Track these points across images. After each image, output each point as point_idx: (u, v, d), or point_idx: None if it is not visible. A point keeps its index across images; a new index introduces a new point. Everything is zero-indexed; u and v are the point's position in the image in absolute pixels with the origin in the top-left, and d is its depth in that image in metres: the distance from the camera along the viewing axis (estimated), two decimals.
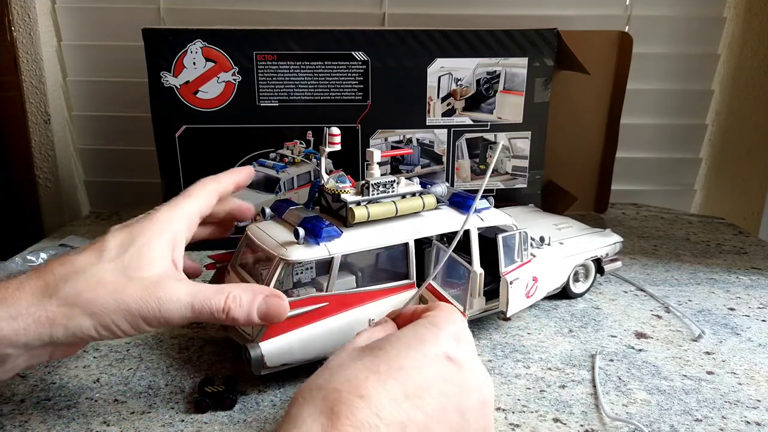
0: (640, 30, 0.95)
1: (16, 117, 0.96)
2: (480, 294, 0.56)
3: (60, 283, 0.40)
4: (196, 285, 0.43)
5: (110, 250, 0.42)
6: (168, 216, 0.46)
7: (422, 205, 0.54)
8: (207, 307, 0.42)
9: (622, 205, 1.05)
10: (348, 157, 0.77)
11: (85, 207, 1.06)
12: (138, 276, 0.41)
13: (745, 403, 0.49)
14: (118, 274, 0.41)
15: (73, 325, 0.39)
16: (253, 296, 0.44)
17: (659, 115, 1.04)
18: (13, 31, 0.93)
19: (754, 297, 0.69)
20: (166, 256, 0.44)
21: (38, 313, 0.39)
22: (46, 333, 0.39)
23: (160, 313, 0.41)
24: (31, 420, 0.46)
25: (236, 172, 0.54)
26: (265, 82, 0.74)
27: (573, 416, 0.47)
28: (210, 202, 0.50)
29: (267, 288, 0.45)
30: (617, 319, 0.63)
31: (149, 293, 0.41)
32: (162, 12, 0.94)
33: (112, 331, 0.40)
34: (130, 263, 0.42)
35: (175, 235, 0.45)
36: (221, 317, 0.42)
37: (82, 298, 0.39)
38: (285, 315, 0.45)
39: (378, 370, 0.35)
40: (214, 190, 0.50)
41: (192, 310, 0.42)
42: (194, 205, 0.48)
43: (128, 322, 0.40)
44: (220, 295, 0.43)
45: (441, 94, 0.78)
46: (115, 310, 0.40)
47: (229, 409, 0.47)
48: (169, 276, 0.43)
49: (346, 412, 0.32)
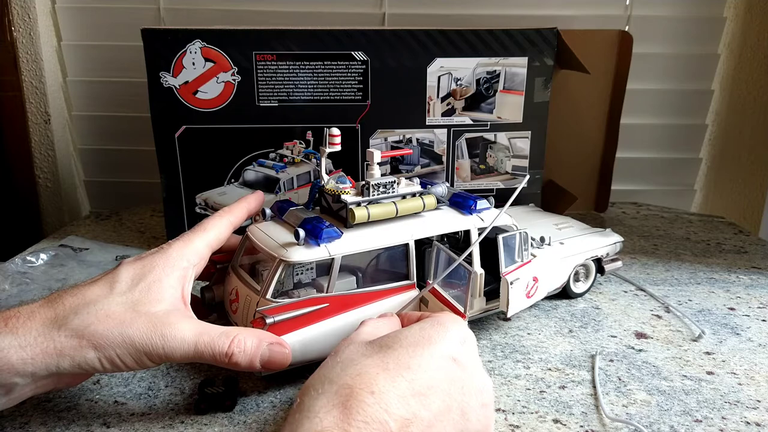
0: (640, 30, 0.95)
1: (16, 117, 0.96)
2: (480, 294, 0.56)
3: (70, 315, 0.41)
4: (203, 325, 0.43)
5: (121, 284, 0.43)
6: (181, 252, 0.47)
7: (422, 205, 0.54)
8: (210, 348, 0.42)
9: (622, 204, 1.05)
10: (348, 158, 0.77)
11: (85, 207, 1.06)
12: (146, 311, 0.42)
13: (745, 404, 0.49)
14: (126, 307, 0.42)
15: (79, 356, 0.40)
16: (258, 343, 0.44)
17: (659, 115, 1.04)
18: (13, 31, 0.93)
19: (754, 297, 0.69)
20: (175, 291, 0.45)
21: (46, 343, 0.39)
22: (53, 363, 0.39)
23: (163, 350, 0.41)
24: (32, 421, 0.46)
25: (247, 200, 0.55)
26: (265, 82, 0.74)
27: (573, 417, 0.47)
28: (223, 236, 0.51)
29: (272, 336, 0.45)
30: (617, 319, 0.63)
31: (155, 329, 0.41)
32: (162, 12, 0.94)
33: (116, 364, 0.41)
34: (140, 298, 0.43)
35: (186, 270, 0.46)
36: (223, 360, 0.43)
37: (89, 330, 0.40)
38: (287, 364, 0.45)
39: (387, 367, 0.36)
40: (229, 223, 0.52)
41: (195, 350, 0.42)
42: (206, 239, 0.49)
43: (132, 356, 0.41)
44: (225, 339, 0.43)
45: (441, 94, 0.78)
46: (120, 344, 0.40)
47: (228, 410, 0.47)
48: (177, 312, 0.44)
49: (358, 407, 0.33)
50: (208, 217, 0.52)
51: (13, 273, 0.70)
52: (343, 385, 0.34)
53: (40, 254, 0.75)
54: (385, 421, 0.33)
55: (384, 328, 0.43)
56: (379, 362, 0.36)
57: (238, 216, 0.53)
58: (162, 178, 0.76)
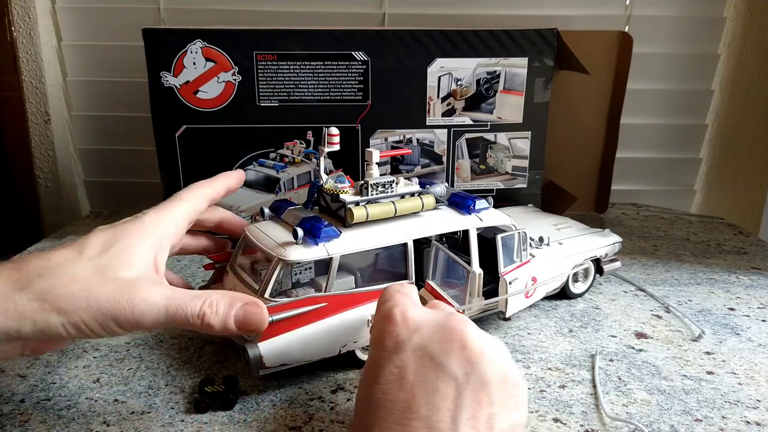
0: (640, 30, 0.95)
1: (16, 117, 0.96)
2: (479, 294, 0.56)
3: (34, 278, 0.39)
4: (174, 290, 0.42)
5: (90, 249, 0.41)
6: (155, 219, 0.45)
7: (421, 205, 0.54)
8: (182, 311, 0.41)
9: (622, 205, 1.05)
10: (348, 158, 0.77)
11: (85, 207, 1.06)
12: (114, 276, 0.40)
13: (745, 403, 0.49)
14: (94, 272, 0.40)
15: (41, 320, 0.38)
16: (231, 303, 0.42)
17: (659, 115, 1.04)
18: (13, 31, 0.93)
19: (754, 297, 0.69)
20: (147, 259, 0.43)
21: (7, 305, 0.38)
22: (13, 327, 0.38)
23: (132, 314, 0.39)
24: (31, 420, 0.46)
25: (227, 176, 0.53)
26: (265, 82, 0.74)
27: (573, 416, 0.47)
28: (200, 207, 0.50)
29: (246, 296, 0.44)
30: (617, 319, 0.63)
31: (122, 293, 0.40)
32: (162, 12, 0.94)
33: (81, 330, 0.39)
34: (108, 263, 0.41)
35: (161, 239, 0.45)
36: (196, 323, 0.41)
37: (53, 293, 0.38)
38: (264, 325, 0.44)
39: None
40: (205, 194, 0.50)
41: (166, 314, 0.40)
42: (183, 209, 0.48)
43: (98, 321, 0.39)
44: (196, 300, 0.41)
45: (441, 94, 0.78)
46: (85, 308, 0.39)
47: (229, 409, 0.47)
48: (147, 279, 0.42)
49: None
50: (184, 188, 0.50)
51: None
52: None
53: None
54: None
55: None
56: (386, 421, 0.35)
57: (216, 189, 0.51)
58: (162, 178, 0.76)
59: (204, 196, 0.50)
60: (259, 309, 0.43)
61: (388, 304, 0.41)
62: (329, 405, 0.48)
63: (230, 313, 0.42)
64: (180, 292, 0.42)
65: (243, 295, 0.44)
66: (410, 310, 0.40)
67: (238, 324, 0.42)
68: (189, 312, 0.41)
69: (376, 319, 0.42)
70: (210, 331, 0.42)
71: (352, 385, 0.51)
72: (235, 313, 0.42)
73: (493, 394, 0.35)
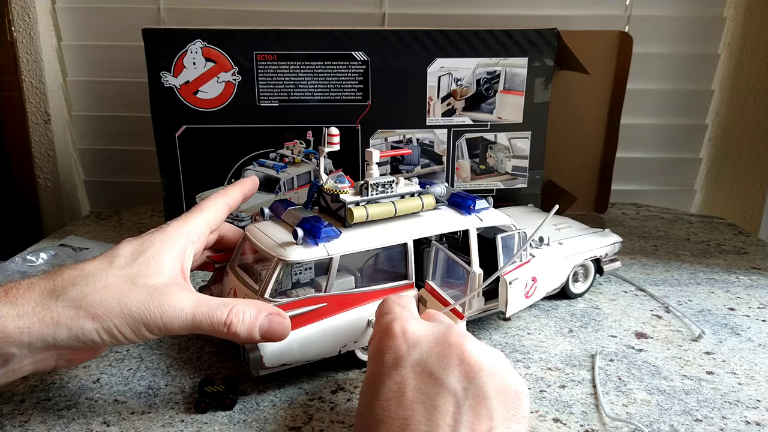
0: (640, 30, 0.95)
1: (16, 117, 0.96)
2: (479, 294, 0.56)
3: (68, 286, 0.41)
4: (201, 296, 0.44)
5: (120, 258, 0.44)
6: (179, 229, 0.48)
7: (421, 205, 0.54)
8: (208, 318, 0.42)
9: (622, 205, 1.05)
10: (348, 158, 0.77)
11: (85, 207, 1.06)
12: (144, 283, 0.42)
13: (745, 403, 0.49)
14: (124, 280, 0.42)
15: (76, 327, 0.40)
16: (257, 313, 0.44)
17: (659, 115, 1.04)
18: (13, 31, 0.93)
19: (754, 297, 0.69)
20: (174, 266, 0.45)
21: (44, 313, 0.40)
22: (50, 334, 0.39)
23: (161, 320, 0.41)
24: (31, 420, 0.46)
25: (242, 183, 0.56)
26: (265, 82, 0.74)
27: (573, 416, 0.47)
28: (220, 215, 0.52)
29: (271, 306, 0.45)
30: (617, 319, 0.63)
31: (153, 299, 0.41)
32: (162, 12, 0.94)
33: (114, 335, 0.41)
34: (138, 271, 0.43)
35: (185, 247, 0.47)
36: (222, 330, 0.43)
37: (87, 300, 0.40)
38: (287, 335, 0.45)
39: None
40: (224, 203, 0.52)
41: (193, 320, 0.42)
42: (204, 218, 0.50)
43: (130, 327, 0.41)
44: (223, 308, 0.43)
45: (441, 94, 0.78)
46: (117, 314, 0.41)
47: (229, 409, 0.47)
48: (176, 285, 0.44)
49: None
50: (204, 199, 0.52)
51: (13, 272, 0.70)
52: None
53: (41, 254, 0.75)
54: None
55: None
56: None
57: (234, 197, 0.54)
58: (162, 177, 0.76)
59: (223, 204, 0.52)
60: (283, 319, 0.45)
61: (388, 317, 0.41)
62: (329, 405, 0.48)
63: (256, 322, 0.44)
64: (207, 299, 0.43)
65: (268, 305, 0.46)
66: (410, 324, 0.40)
67: (263, 333, 0.44)
68: (216, 319, 0.43)
69: (375, 331, 0.42)
70: (234, 338, 0.44)
71: (352, 385, 0.51)
72: (260, 323, 0.44)
73: (493, 408, 0.35)
